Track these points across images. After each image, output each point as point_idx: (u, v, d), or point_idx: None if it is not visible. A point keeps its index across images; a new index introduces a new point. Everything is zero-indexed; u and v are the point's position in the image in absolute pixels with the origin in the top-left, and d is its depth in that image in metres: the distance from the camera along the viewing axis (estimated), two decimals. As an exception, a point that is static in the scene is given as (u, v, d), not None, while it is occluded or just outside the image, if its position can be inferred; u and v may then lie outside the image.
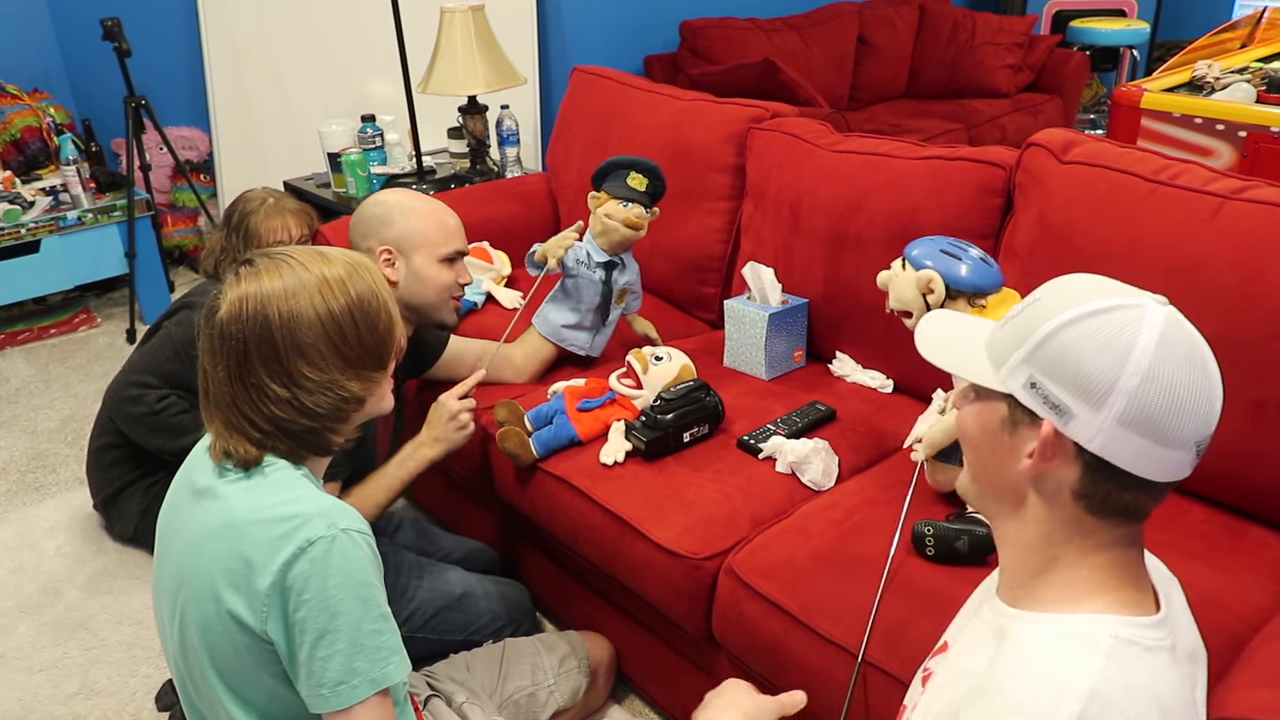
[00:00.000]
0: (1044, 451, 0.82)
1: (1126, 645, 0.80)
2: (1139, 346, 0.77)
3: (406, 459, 1.71)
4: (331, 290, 1.15)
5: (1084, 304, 0.81)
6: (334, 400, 1.16)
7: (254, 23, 3.74)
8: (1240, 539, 1.44)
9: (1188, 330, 0.80)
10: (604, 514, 1.64)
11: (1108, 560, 0.84)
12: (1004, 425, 0.86)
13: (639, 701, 1.86)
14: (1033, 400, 0.82)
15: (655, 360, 1.83)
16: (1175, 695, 0.81)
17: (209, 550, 1.12)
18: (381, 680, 1.11)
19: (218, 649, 1.13)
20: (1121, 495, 0.81)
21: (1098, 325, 0.80)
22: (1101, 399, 0.78)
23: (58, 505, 2.47)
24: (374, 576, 1.13)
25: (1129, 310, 0.80)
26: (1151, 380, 0.77)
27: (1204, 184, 1.51)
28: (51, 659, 1.98)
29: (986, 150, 1.82)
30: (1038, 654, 0.83)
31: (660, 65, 4.11)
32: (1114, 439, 0.78)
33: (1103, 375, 0.78)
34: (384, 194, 1.80)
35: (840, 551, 1.46)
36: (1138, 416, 0.77)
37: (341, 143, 3.16)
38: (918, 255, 1.52)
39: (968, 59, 4.67)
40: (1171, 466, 0.79)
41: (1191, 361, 0.79)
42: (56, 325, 3.54)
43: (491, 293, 2.37)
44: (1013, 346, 0.85)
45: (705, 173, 2.28)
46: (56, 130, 3.51)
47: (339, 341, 1.16)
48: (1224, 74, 2.99)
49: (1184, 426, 0.78)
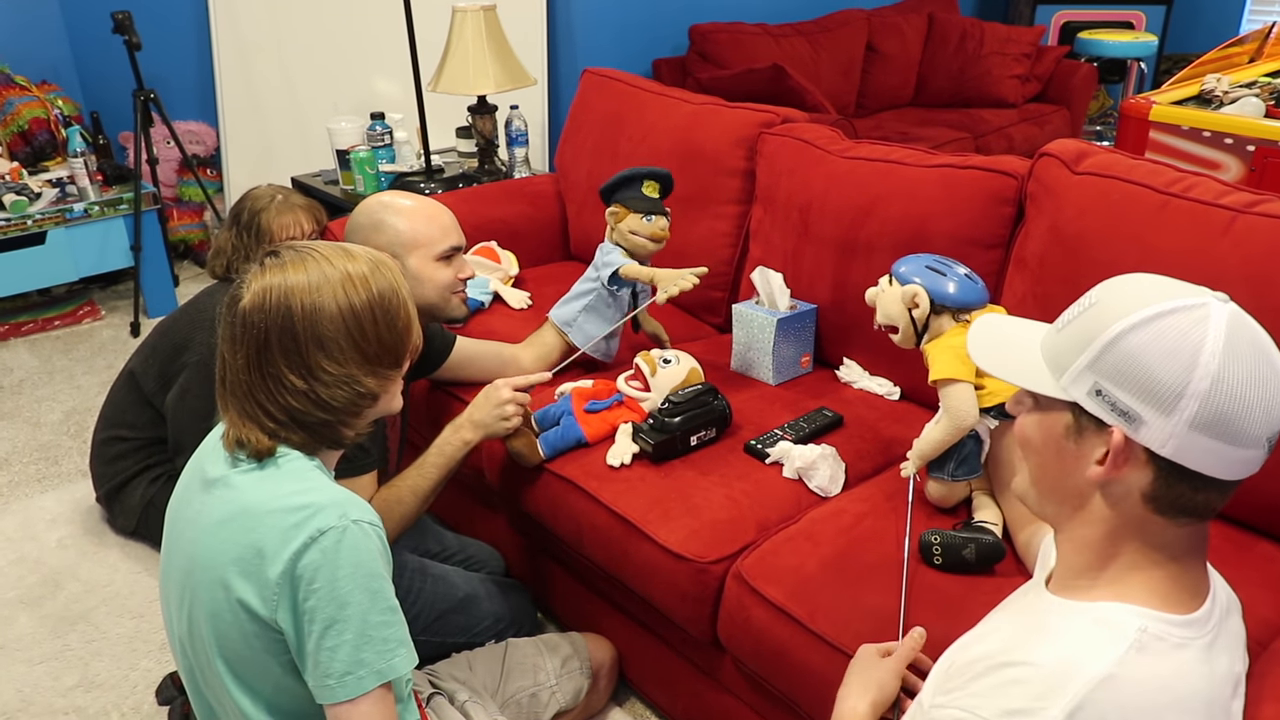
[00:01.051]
0: (1115, 460, 0.81)
1: (1154, 640, 0.80)
2: (1207, 348, 0.77)
3: (445, 443, 1.68)
4: (354, 286, 1.16)
5: (1146, 307, 0.80)
6: (350, 395, 1.17)
7: (264, 18, 3.74)
8: (1247, 553, 1.44)
9: (1252, 327, 0.80)
10: (610, 516, 1.64)
11: (1168, 559, 0.84)
12: (1069, 433, 0.85)
13: (640, 704, 1.86)
14: (1099, 408, 0.81)
15: (663, 363, 1.82)
16: (1197, 694, 0.81)
17: (220, 538, 1.13)
18: (388, 672, 1.11)
19: (226, 637, 1.14)
20: (1194, 497, 0.81)
21: (1163, 329, 0.78)
22: (1172, 404, 0.77)
23: (60, 497, 2.47)
24: (383, 568, 1.14)
25: (1193, 311, 0.78)
26: (1221, 382, 0.76)
27: (1216, 197, 1.51)
28: (52, 651, 1.98)
29: (998, 159, 1.82)
30: (1064, 633, 0.83)
31: (669, 69, 4.11)
32: (1187, 443, 0.78)
33: (1173, 380, 0.77)
34: (372, 200, 1.77)
35: (848, 559, 1.46)
36: (1210, 419, 0.77)
37: (350, 140, 3.16)
38: (904, 272, 1.54)
39: (975, 68, 4.68)
40: (1244, 464, 0.79)
41: (1258, 359, 0.78)
42: (61, 317, 3.54)
43: (499, 293, 2.37)
44: (1074, 353, 0.83)
45: (715, 176, 2.28)
46: (64, 122, 3.51)
47: (359, 337, 1.17)
48: (1233, 88, 3.00)
49: (1256, 424, 0.77)
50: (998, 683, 0.82)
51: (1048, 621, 0.87)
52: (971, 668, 0.87)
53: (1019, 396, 0.91)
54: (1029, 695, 0.79)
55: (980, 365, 0.93)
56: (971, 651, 0.92)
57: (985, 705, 0.81)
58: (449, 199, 2.66)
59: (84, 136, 3.41)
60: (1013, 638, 0.88)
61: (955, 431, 1.46)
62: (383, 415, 1.28)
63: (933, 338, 1.54)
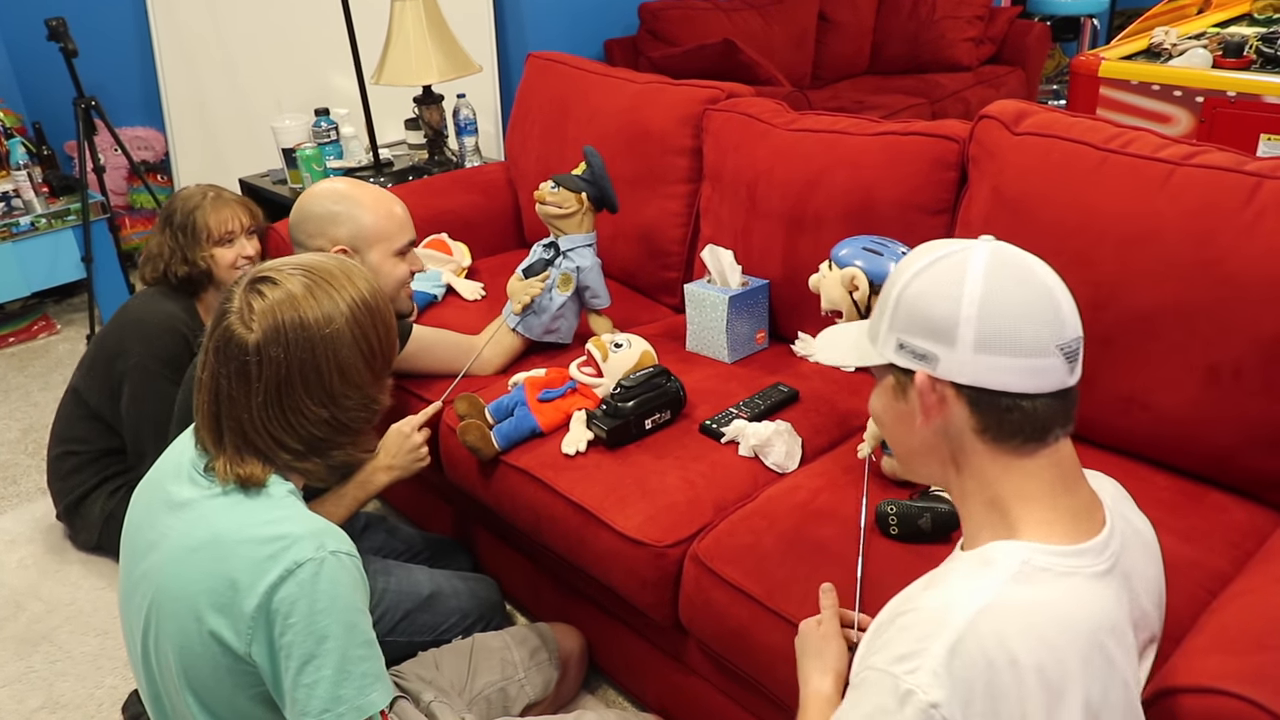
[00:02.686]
0: (925, 400, 0.88)
1: (1037, 571, 0.85)
2: (969, 278, 0.85)
3: (365, 481, 1.66)
4: (361, 308, 1.17)
5: (919, 260, 0.90)
6: (368, 412, 1.20)
7: (205, 17, 3.67)
8: (1199, 504, 1.44)
9: (1014, 254, 0.88)
10: (567, 504, 1.62)
11: (1042, 493, 0.89)
12: (896, 393, 0.93)
13: (612, 691, 1.85)
14: (905, 359, 0.89)
15: (615, 347, 1.81)
16: (1081, 620, 0.84)
17: (190, 568, 1.10)
18: (366, 708, 1.10)
19: (196, 669, 1.12)
20: (1015, 416, 0.86)
21: (934, 274, 0.88)
22: (951, 334, 0.85)
23: (19, 517, 2.43)
24: (361, 601, 1.12)
25: (957, 254, 0.88)
26: (988, 303, 0.84)
27: (1154, 151, 1.51)
28: (15, 673, 1.95)
29: (939, 124, 1.81)
30: (950, 575, 0.89)
31: (620, 49, 4.07)
32: (979, 367, 0.85)
33: (946, 314, 0.86)
34: (324, 188, 1.72)
35: (804, 535, 1.45)
36: (988, 338, 0.84)
37: (296, 138, 3.11)
38: (843, 255, 1.53)
39: (929, 33, 4.65)
40: (1047, 375, 0.85)
41: (1022, 276, 0.86)
42: (15, 334, 3.48)
43: (451, 285, 2.35)
44: (880, 319, 0.92)
45: (663, 156, 2.25)
46: (6, 134, 3.43)
47: (369, 356, 1.18)
48: (1181, 40, 2.99)
49: (1036, 334, 0.84)
50: (892, 633, 0.86)
51: (944, 571, 0.91)
52: (880, 627, 0.91)
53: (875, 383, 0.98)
54: (914, 638, 0.83)
55: (823, 361, 1.01)
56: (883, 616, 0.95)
57: (880, 656, 0.85)
58: (398, 192, 2.60)
59: (27, 148, 3.34)
60: (911, 590, 0.93)
61: None
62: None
63: None
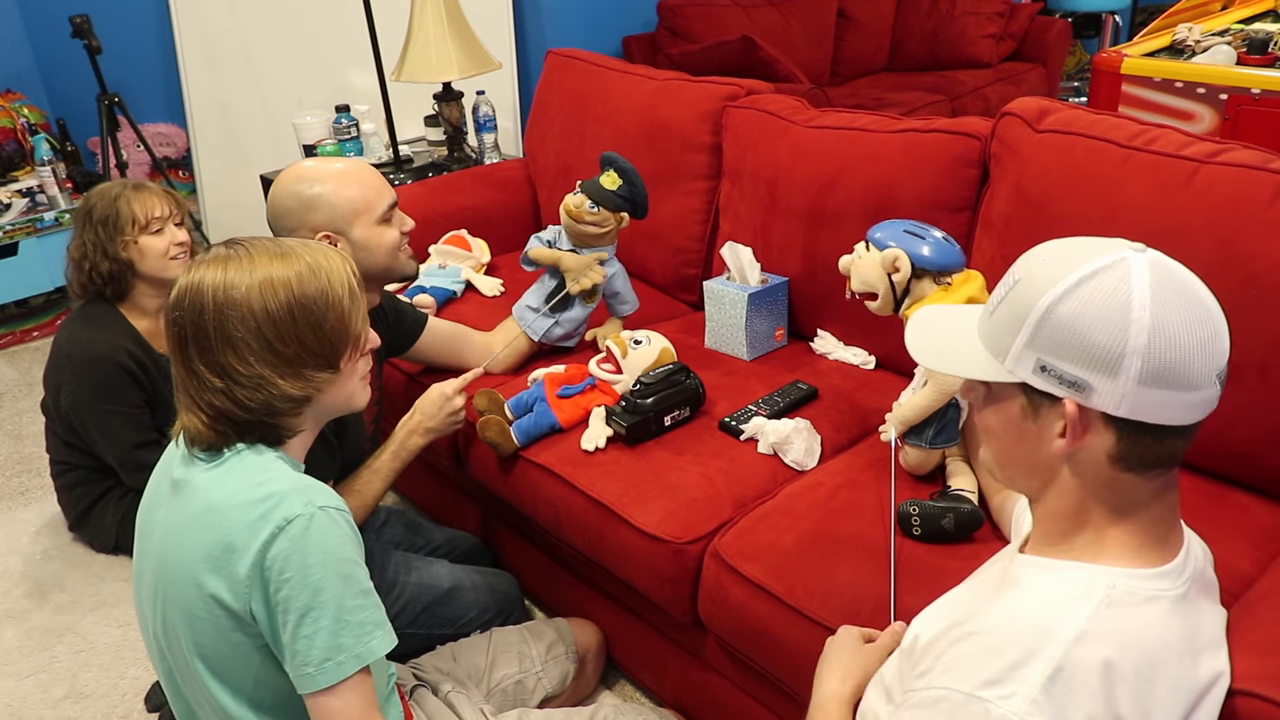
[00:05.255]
0: (1074, 430, 0.81)
1: (1125, 595, 0.81)
2: (1135, 303, 0.77)
3: (400, 448, 1.69)
4: (274, 288, 1.14)
5: (1067, 275, 0.80)
6: (265, 398, 1.15)
7: (227, 14, 3.69)
8: (1220, 504, 1.43)
9: (1175, 270, 0.80)
10: (586, 500, 1.63)
11: (1139, 514, 0.84)
12: (1025, 413, 0.85)
13: (630, 686, 1.86)
14: (1047, 383, 0.81)
15: (634, 344, 1.81)
16: (1169, 646, 0.81)
17: (189, 538, 1.13)
18: (366, 655, 1.11)
19: (203, 636, 1.14)
20: (1159, 448, 0.81)
21: (1089, 293, 0.79)
22: (1116, 365, 0.78)
23: (43, 509, 2.45)
24: (354, 552, 1.14)
25: (1113, 269, 0.79)
26: (1158, 334, 0.77)
27: (1179, 149, 1.50)
28: (39, 664, 1.97)
29: (961, 121, 1.80)
30: (1035, 596, 0.84)
31: (639, 46, 4.07)
32: (1140, 399, 0.78)
33: (1111, 342, 0.77)
34: (288, 178, 1.61)
35: (825, 533, 1.45)
36: (1156, 371, 0.77)
37: (317, 134, 3.13)
38: (881, 237, 1.51)
39: (949, 29, 4.63)
40: (1200, 406, 0.80)
41: (1188, 301, 0.79)
42: (39, 328, 3.51)
43: (471, 281, 2.36)
44: (1010, 334, 0.83)
45: (682, 153, 2.26)
46: (31, 131, 3.47)
47: (273, 338, 1.14)
48: (1204, 36, 2.97)
49: (1201, 365, 0.78)
50: (971, 653, 0.82)
51: (1020, 587, 0.86)
52: (943, 640, 0.87)
53: (969, 384, 0.91)
54: (1005, 664, 0.78)
55: (924, 364, 0.93)
56: (940, 625, 0.91)
57: (962, 679, 0.80)
58: (417, 189, 2.64)
59: (51, 144, 3.37)
60: (984, 605, 0.87)
61: (940, 396, 1.45)
62: (343, 413, 1.28)
63: (914, 302, 1.51)
